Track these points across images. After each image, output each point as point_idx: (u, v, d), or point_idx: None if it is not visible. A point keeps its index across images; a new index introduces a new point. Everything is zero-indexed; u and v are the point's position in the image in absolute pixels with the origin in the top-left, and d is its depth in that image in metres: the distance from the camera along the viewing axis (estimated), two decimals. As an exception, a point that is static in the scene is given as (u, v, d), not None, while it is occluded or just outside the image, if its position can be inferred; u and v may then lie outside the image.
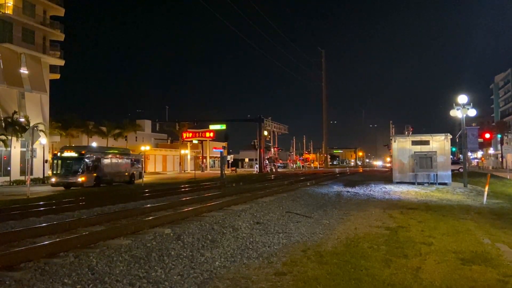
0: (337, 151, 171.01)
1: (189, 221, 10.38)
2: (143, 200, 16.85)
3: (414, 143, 26.25)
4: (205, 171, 69.68)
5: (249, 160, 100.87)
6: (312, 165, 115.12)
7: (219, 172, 47.55)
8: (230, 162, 78.16)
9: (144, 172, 51.29)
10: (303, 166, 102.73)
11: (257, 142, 69.58)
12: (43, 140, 35.47)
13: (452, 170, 27.50)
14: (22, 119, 37.66)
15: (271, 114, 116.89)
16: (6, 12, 37.43)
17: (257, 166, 68.88)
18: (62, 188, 27.17)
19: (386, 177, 34.97)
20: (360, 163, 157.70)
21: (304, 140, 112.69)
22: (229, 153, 77.50)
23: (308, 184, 26.83)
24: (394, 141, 27.03)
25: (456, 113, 24.26)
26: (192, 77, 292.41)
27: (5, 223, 10.63)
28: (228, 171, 61.42)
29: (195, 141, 73.33)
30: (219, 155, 61.47)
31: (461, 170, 33.38)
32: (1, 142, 34.16)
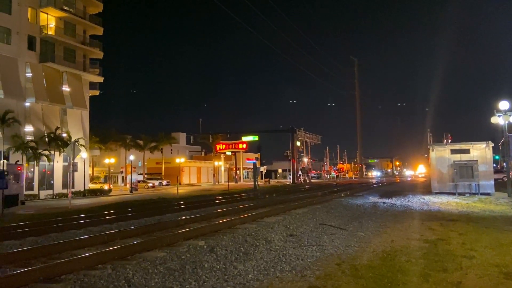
0: (372, 161, 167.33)
1: (222, 233, 10.45)
2: (178, 212, 17.12)
3: (454, 151, 25.38)
4: (239, 183, 70.03)
5: (282, 170, 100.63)
6: (346, 175, 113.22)
7: (253, 183, 47.71)
8: (263, 173, 78.34)
9: (180, 184, 52.14)
10: (337, 177, 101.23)
11: (290, 152, 69.32)
12: (83, 154, 36.95)
13: (495, 179, 26.34)
14: (64, 135, 39.38)
15: (304, 124, 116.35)
16: (49, 33, 39.57)
17: (291, 177, 68.54)
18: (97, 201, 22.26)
19: (424, 187, 33.89)
20: (397, 173, 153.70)
21: (338, 150, 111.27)
22: (262, 164, 77.74)
23: (342, 195, 26.42)
24: (432, 150, 26.25)
25: (498, 119, 23.34)
26: (224, 89, 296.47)
27: (47, 236, 11.11)
28: (261, 182, 61.47)
29: (228, 153, 74.01)
30: (252, 166, 61.74)
31: (505, 179, 31.89)
32: (45, 157, 35.78)
